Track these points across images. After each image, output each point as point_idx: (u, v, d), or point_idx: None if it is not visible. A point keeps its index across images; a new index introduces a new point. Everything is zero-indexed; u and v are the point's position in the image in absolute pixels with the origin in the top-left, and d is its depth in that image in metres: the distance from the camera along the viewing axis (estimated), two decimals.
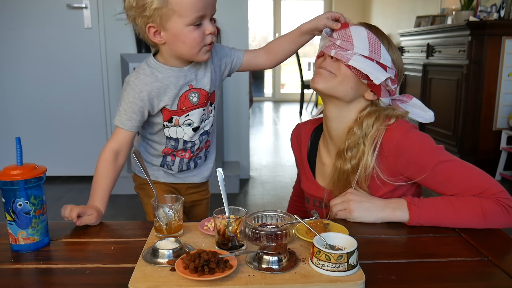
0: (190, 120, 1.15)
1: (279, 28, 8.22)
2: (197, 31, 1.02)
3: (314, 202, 1.19)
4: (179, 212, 0.90)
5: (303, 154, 1.24)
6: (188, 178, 1.28)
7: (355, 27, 1.06)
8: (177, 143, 1.18)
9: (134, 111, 1.10)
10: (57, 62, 3.18)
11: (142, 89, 1.09)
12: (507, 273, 0.77)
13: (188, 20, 0.99)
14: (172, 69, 1.10)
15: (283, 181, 3.38)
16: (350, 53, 1.02)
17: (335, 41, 1.05)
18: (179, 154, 1.21)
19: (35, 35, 3.13)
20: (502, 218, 0.94)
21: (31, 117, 3.27)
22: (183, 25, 1.00)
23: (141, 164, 1.04)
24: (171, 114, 1.13)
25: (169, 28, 1.01)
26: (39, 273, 0.79)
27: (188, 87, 1.12)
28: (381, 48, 1.04)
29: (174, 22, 1.00)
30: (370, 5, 7.30)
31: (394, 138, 1.01)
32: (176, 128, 1.15)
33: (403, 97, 1.12)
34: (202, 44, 1.04)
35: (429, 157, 0.99)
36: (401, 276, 0.76)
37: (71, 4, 3.09)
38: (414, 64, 4.32)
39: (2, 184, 0.84)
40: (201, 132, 1.20)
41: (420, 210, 0.96)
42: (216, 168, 0.93)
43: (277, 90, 8.45)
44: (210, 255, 0.73)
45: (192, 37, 1.02)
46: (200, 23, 1.02)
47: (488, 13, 3.49)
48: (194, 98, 1.13)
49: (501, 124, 3.32)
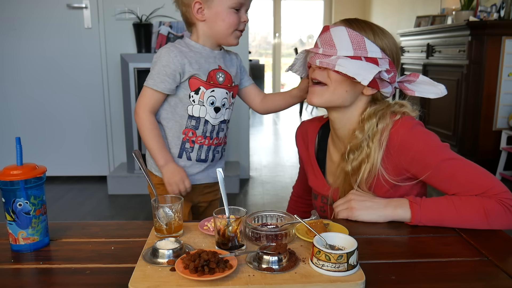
0: (214, 97, 1.22)
1: (279, 28, 8.22)
2: (235, 15, 1.17)
3: (322, 199, 1.19)
4: (179, 212, 0.90)
5: (311, 152, 1.23)
6: (204, 177, 1.30)
7: (335, 28, 1.04)
8: (198, 123, 1.23)
9: (167, 73, 1.17)
10: (57, 62, 3.18)
11: (176, 54, 1.18)
12: (507, 273, 0.77)
13: (231, 3, 1.15)
14: (205, 48, 1.23)
15: (283, 181, 3.38)
16: (334, 58, 1.01)
17: (317, 50, 1.04)
18: (199, 141, 1.25)
19: (35, 35, 3.13)
20: (504, 219, 0.93)
21: (31, 117, 3.27)
22: (226, 7, 1.15)
23: (141, 164, 1.04)
24: (199, 83, 1.20)
25: (213, 6, 1.16)
26: (39, 273, 0.79)
27: (217, 67, 1.23)
28: (366, 42, 1.01)
29: (219, 2, 1.15)
30: (370, 5, 7.30)
31: (399, 134, 1.01)
32: (199, 107, 1.22)
33: (410, 77, 1.08)
34: (236, 27, 1.18)
35: (434, 154, 0.98)
36: (401, 276, 0.76)
37: (71, 4, 3.09)
38: (414, 64, 4.32)
39: (2, 184, 0.84)
40: (221, 119, 1.26)
41: (422, 209, 0.95)
42: (216, 168, 0.93)
43: (277, 90, 8.45)
44: (210, 255, 0.73)
45: (231, 18, 1.16)
46: (239, 9, 1.17)
47: (488, 13, 3.49)
48: (220, 78, 1.22)
49: (501, 124, 3.32)
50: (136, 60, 2.96)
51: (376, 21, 7.12)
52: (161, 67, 1.17)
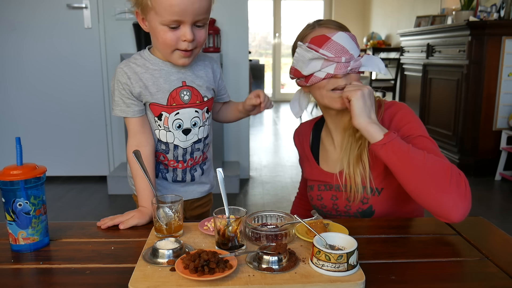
0: (180, 120, 1.11)
1: (279, 28, 8.22)
2: (171, 33, 0.99)
3: (319, 187, 1.19)
4: (179, 212, 0.90)
5: (306, 146, 1.27)
6: (188, 193, 1.22)
7: (336, 35, 1.04)
8: (167, 148, 1.15)
9: (128, 96, 1.08)
10: (57, 62, 3.18)
11: (130, 76, 1.08)
12: (507, 273, 0.77)
13: (162, 20, 0.98)
14: (165, 63, 1.10)
15: (283, 181, 3.38)
16: (352, 62, 1.04)
17: (339, 59, 1.03)
18: (171, 164, 1.17)
19: (35, 35, 3.13)
20: (460, 192, 0.89)
21: (31, 117, 3.27)
22: (158, 23, 0.99)
23: (141, 164, 1.04)
24: (160, 109, 1.10)
25: (148, 20, 1.02)
26: (39, 273, 0.79)
27: (181, 84, 1.11)
28: (356, 40, 1.08)
29: (152, 17, 1.00)
30: (370, 5, 7.30)
31: (394, 112, 1.08)
32: (165, 132, 1.12)
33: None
34: (174, 47, 1.02)
35: (416, 127, 1.04)
36: (401, 276, 0.76)
37: (71, 4, 3.09)
38: (414, 64, 4.32)
39: (2, 184, 0.84)
40: (195, 140, 1.16)
41: (395, 138, 0.95)
42: (216, 168, 0.93)
43: (277, 90, 8.45)
44: (210, 255, 0.73)
45: (164, 37, 1.00)
46: (178, 27, 0.99)
47: (488, 13, 3.49)
48: (185, 96, 1.11)
49: (501, 124, 3.32)
50: None
51: (376, 21, 7.15)
52: (120, 91, 1.08)
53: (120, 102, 1.09)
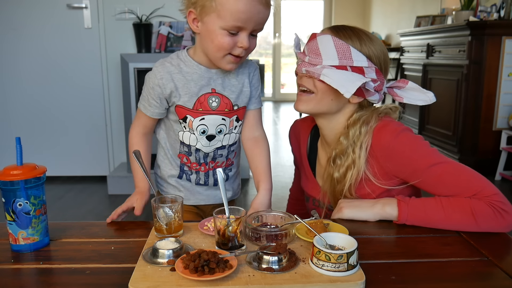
0: (205, 126, 1.11)
1: (279, 28, 8.22)
2: (229, 37, 0.98)
3: (313, 201, 1.19)
4: (179, 212, 0.90)
5: (303, 153, 1.24)
6: (210, 198, 1.22)
7: (321, 36, 1.03)
8: (190, 150, 1.15)
9: (154, 97, 1.10)
10: (57, 62, 3.18)
11: (163, 76, 1.08)
12: (507, 273, 0.77)
13: (224, 25, 0.97)
14: (199, 67, 1.09)
15: (283, 181, 3.38)
16: (319, 67, 1.01)
17: (304, 57, 1.05)
18: (194, 167, 1.18)
19: (35, 35, 3.13)
20: (494, 221, 0.92)
21: (31, 117, 3.27)
22: (218, 27, 0.97)
23: (141, 164, 1.04)
24: (186, 112, 1.09)
25: (205, 22, 0.99)
26: (39, 273, 0.79)
27: (210, 90, 1.09)
28: (352, 51, 1.01)
29: (212, 19, 0.98)
30: (370, 5, 7.30)
31: (385, 140, 1.00)
32: (189, 134, 1.12)
33: (399, 83, 1.07)
34: (227, 52, 1.01)
35: (421, 160, 0.97)
36: (401, 276, 0.76)
37: (71, 4, 3.09)
38: (414, 64, 4.32)
39: (2, 184, 0.84)
40: (219, 146, 1.15)
41: (409, 208, 0.95)
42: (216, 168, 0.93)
43: (277, 90, 8.45)
44: (210, 255, 0.73)
45: (221, 40, 0.98)
46: (236, 33, 0.98)
47: (488, 13, 3.49)
48: (213, 103, 1.10)
49: (501, 124, 3.32)
50: (136, 60, 2.95)
51: (376, 21, 7.13)
52: (149, 89, 1.10)
53: (146, 98, 1.12)
